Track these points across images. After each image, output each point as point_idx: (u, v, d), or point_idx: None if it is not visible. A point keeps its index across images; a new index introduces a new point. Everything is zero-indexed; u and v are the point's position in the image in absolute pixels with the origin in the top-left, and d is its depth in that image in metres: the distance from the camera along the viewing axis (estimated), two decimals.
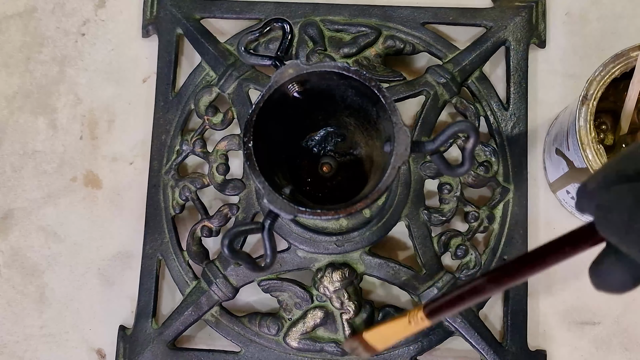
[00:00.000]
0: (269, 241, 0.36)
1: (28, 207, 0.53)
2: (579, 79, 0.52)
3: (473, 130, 0.34)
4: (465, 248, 0.49)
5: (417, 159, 0.50)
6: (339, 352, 0.48)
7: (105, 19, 0.56)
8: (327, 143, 0.46)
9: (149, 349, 0.49)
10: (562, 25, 0.54)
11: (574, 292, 0.50)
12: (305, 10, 0.53)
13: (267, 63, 0.40)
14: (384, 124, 0.38)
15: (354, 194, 0.39)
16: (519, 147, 0.51)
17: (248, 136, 0.37)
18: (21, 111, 0.55)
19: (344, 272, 0.48)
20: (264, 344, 0.49)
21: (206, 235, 0.51)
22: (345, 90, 0.39)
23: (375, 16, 0.53)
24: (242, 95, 0.51)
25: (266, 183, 0.36)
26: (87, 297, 0.52)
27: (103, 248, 0.53)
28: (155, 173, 0.52)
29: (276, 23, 0.41)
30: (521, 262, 0.30)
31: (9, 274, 0.53)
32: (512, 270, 0.31)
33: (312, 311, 0.49)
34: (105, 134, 0.54)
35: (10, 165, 0.54)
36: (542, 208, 0.51)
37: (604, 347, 0.50)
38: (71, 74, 0.55)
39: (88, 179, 0.54)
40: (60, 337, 0.52)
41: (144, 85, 0.55)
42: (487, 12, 0.53)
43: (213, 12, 0.54)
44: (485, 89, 0.51)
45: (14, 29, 0.56)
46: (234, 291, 0.49)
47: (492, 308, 0.50)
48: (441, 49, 0.52)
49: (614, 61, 0.42)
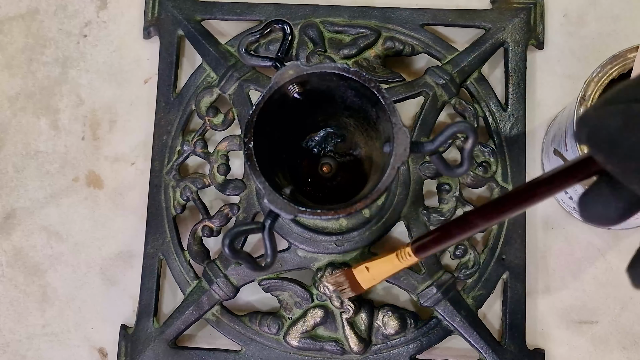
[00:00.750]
0: (269, 241, 0.36)
1: (30, 207, 0.53)
2: (577, 80, 0.53)
3: (472, 130, 0.34)
4: (464, 248, 0.49)
5: (417, 159, 0.50)
6: (339, 351, 0.48)
7: (107, 20, 0.56)
8: (327, 143, 0.46)
9: (150, 347, 0.49)
10: (560, 26, 0.54)
11: (572, 292, 0.50)
12: (305, 12, 0.53)
13: (267, 64, 0.40)
14: (383, 124, 0.38)
15: (353, 194, 0.39)
16: (517, 147, 0.51)
17: (249, 137, 0.37)
18: (24, 112, 0.55)
19: None
20: (265, 343, 0.49)
21: (207, 235, 0.51)
22: (345, 91, 0.39)
23: (375, 18, 0.53)
24: (242, 96, 0.51)
25: (267, 183, 0.36)
26: (89, 296, 0.52)
27: (105, 248, 0.53)
28: (156, 173, 0.52)
29: (276, 25, 0.41)
30: (511, 196, 0.30)
31: (12, 274, 0.53)
32: (501, 205, 0.30)
33: (312, 310, 0.49)
34: (107, 135, 0.54)
35: (12, 165, 0.54)
36: (540, 208, 0.52)
37: (602, 346, 0.50)
38: (73, 75, 0.55)
39: (90, 179, 0.54)
40: (63, 336, 0.52)
41: (145, 86, 0.55)
42: (485, 13, 0.53)
43: (214, 14, 0.54)
44: (483, 89, 0.52)
45: (16, 30, 0.56)
46: (235, 290, 0.49)
47: (490, 307, 0.50)
48: (440, 50, 0.52)
49: (611, 62, 0.42)
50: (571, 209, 0.50)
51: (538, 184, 0.29)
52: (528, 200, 0.30)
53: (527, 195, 0.29)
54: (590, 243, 0.51)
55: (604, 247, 0.51)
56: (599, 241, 0.51)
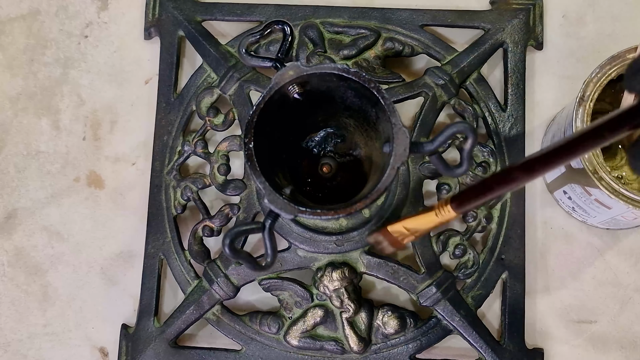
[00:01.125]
0: (269, 241, 0.36)
1: (32, 207, 0.53)
2: (576, 80, 0.52)
3: (471, 131, 0.34)
4: (463, 247, 0.49)
5: (416, 159, 0.50)
6: (339, 350, 0.48)
7: (108, 21, 0.56)
8: (327, 144, 0.46)
9: (151, 347, 0.49)
10: (559, 27, 0.54)
11: (571, 291, 0.50)
12: (305, 13, 0.53)
13: (267, 65, 0.40)
14: (383, 125, 0.38)
15: (353, 194, 0.39)
16: (516, 147, 0.51)
17: (249, 137, 0.37)
18: (25, 112, 0.55)
19: (344, 272, 0.48)
20: (265, 342, 0.49)
21: (207, 234, 0.51)
22: (345, 91, 0.39)
23: (375, 18, 0.53)
24: (243, 96, 0.51)
25: (267, 183, 0.36)
26: (90, 296, 0.52)
27: (106, 247, 0.53)
28: (157, 173, 0.52)
29: (277, 25, 0.41)
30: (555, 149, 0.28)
31: (13, 273, 0.53)
32: (545, 158, 0.29)
33: (312, 310, 0.49)
34: (107, 135, 0.54)
35: (14, 165, 0.54)
36: (539, 208, 0.51)
37: (600, 346, 0.50)
38: (74, 76, 0.55)
39: (91, 180, 0.54)
40: (64, 336, 0.52)
41: (146, 86, 0.55)
42: (485, 14, 0.53)
43: (214, 15, 0.54)
44: (483, 90, 0.51)
45: (17, 31, 0.56)
46: (235, 290, 0.49)
47: (490, 307, 0.50)
48: (440, 51, 0.52)
49: (610, 63, 0.42)
50: (570, 209, 0.50)
51: (583, 136, 0.28)
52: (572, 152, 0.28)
53: (571, 148, 0.28)
54: (589, 243, 0.51)
55: (603, 247, 0.51)
56: (598, 241, 0.51)
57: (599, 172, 0.41)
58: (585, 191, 0.45)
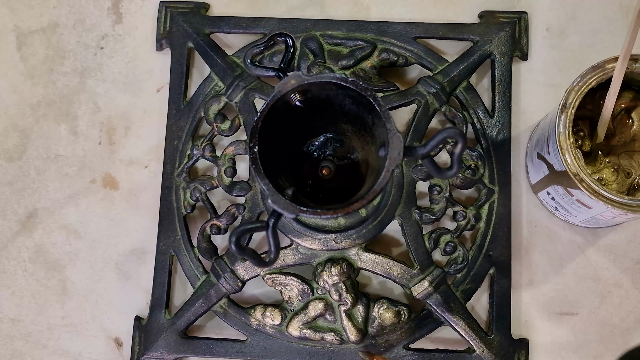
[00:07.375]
0: (273, 238, 0.36)
1: (51, 207, 0.53)
2: (559, 88, 0.52)
3: (461, 136, 0.34)
4: (454, 244, 0.49)
5: (410, 162, 0.50)
6: (337, 341, 0.48)
7: (122, 33, 0.56)
8: (326, 148, 0.46)
9: (162, 337, 0.49)
10: (543, 39, 0.54)
11: (554, 285, 0.50)
12: (306, 26, 0.53)
13: (271, 74, 0.40)
14: (379, 130, 0.38)
15: (351, 195, 0.39)
16: (503, 151, 0.51)
17: (254, 141, 0.37)
18: (45, 119, 0.55)
19: (342, 267, 0.48)
20: (269, 333, 0.49)
21: (215, 232, 0.51)
22: (343, 99, 0.39)
23: (371, 31, 0.53)
24: (248, 104, 0.51)
25: (270, 185, 0.36)
26: (105, 289, 0.52)
27: (120, 245, 0.53)
28: (168, 175, 0.52)
29: (279, 37, 0.41)
30: None
31: (34, 269, 0.53)
32: None
33: (313, 303, 0.48)
34: (122, 140, 0.54)
35: (34, 168, 0.54)
36: (524, 208, 0.51)
37: (581, 336, 0.50)
38: (91, 85, 0.55)
39: (106, 181, 0.54)
40: (81, 327, 0.52)
41: (157, 94, 0.55)
42: (473, 27, 0.53)
43: (221, 28, 0.54)
44: (472, 98, 0.51)
45: (38, 43, 0.56)
46: (241, 284, 0.49)
47: (478, 300, 0.50)
48: (431, 62, 0.52)
49: (591, 72, 0.42)
50: (553, 209, 0.50)
51: None
52: None
53: None
54: (571, 240, 0.51)
55: (584, 244, 0.51)
56: (579, 239, 0.51)
57: (580, 174, 0.41)
58: (568, 192, 0.45)
